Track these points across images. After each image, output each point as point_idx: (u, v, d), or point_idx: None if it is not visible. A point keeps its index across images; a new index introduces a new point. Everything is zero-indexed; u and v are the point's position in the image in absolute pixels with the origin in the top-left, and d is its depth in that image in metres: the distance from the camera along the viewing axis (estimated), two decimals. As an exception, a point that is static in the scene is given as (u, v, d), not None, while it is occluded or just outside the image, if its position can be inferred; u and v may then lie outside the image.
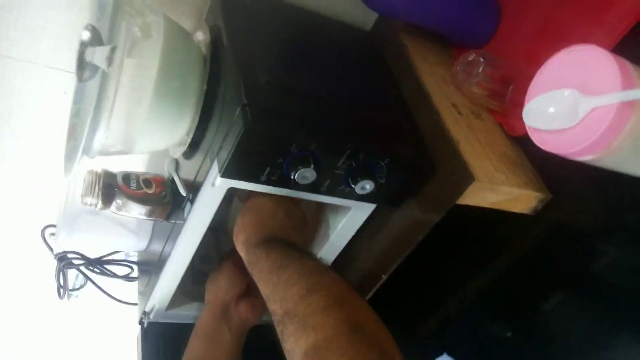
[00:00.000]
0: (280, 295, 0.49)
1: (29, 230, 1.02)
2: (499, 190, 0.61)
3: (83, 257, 1.05)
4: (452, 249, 0.77)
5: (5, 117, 0.84)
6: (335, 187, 0.59)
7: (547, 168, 0.67)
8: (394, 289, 0.73)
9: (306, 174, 0.54)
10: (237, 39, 0.63)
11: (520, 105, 0.70)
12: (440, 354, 0.76)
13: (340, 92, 0.66)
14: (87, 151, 0.62)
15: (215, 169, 0.56)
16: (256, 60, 0.61)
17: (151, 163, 0.93)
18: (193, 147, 0.68)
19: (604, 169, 0.50)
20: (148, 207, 0.68)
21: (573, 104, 0.45)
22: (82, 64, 0.67)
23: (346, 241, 0.71)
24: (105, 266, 1.07)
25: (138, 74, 0.57)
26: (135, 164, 0.94)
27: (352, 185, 0.58)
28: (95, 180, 0.66)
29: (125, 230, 0.82)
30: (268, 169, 0.55)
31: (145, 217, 0.69)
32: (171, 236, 0.70)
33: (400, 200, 0.64)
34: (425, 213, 0.63)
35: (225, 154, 0.54)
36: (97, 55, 0.54)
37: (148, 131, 0.62)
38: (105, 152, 0.63)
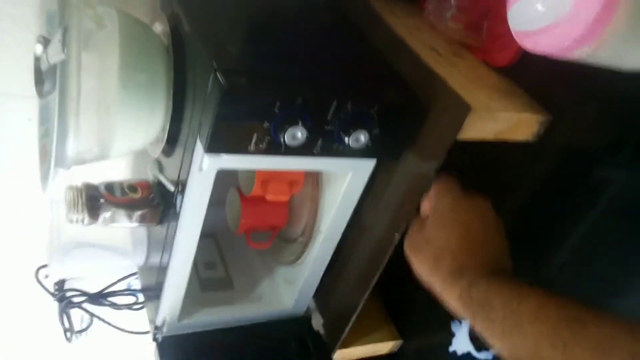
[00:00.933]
0: None
1: (22, 274, 0.97)
2: (497, 118, 0.58)
3: (83, 293, 1.00)
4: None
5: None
6: (329, 145, 0.56)
7: (540, 93, 0.64)
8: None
9: (296, 133, 0.51)
10: (198, 22, 0.59)
11: (499, 36, 0.68)
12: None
13: (313, 52, 0.63)
14: (60, 161, 0.58)
15: (199, 148, 0.53)
16: (222, 37, 0.58)
17: (132, 172, 0.89)
18: (171, 142, 0.64)
19: (603, 67, 0.47)
20: (138, 213, 0.64)
21: (559, -7, 0.43)
22: (40, 78, 0.64)
23: (352, 207, 0.68)
24: (109, 298, 1.02)
25: (99, 68, 0.54)
26: (116, 175, 0.90)
27: (346, 140, 0.55)
28: (77, 194, 0.63)
29: (118, 251, 0.78)
30: (255, 136, 0.51)
31: (137, 224, 0.65)
32: (167, 240, 0.66)
33: (399, 150, 0.61)
34: (427, 160, 0.60)
35: (206, 129, 0.50)
36: (51, 50, 0.50)
37: (121, 129, 0.58)
38: (80, 160, 0.60)
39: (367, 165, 0.63)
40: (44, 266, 0.96)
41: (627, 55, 0.46)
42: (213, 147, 0.51)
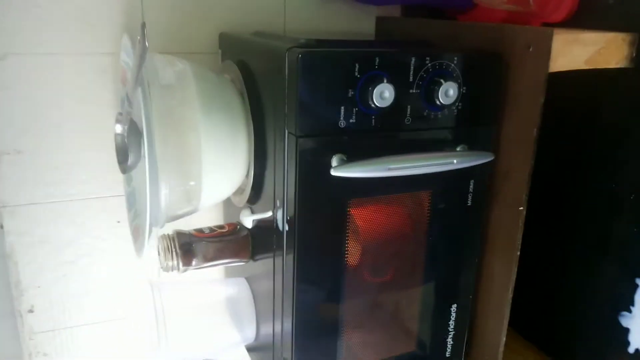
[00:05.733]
0: None
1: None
2: (584, 40, 0.55)
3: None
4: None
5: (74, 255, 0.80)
6: (419, 112, 0.53)
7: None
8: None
9: (383, 90, 0.48)
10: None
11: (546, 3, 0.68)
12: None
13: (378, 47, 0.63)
14: (154, 219, 0.56)
15: (292, 139, 0.50)
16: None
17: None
18: (257, 189, 0.62)
19: None
20: (229, 246, 0.61)
21: None
22: (123, 155, 0.65)
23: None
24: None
25: (181, 107, 0.55)
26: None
27: (435, 99, 0.52)
28: (170, 242, 0.61)
29: (225, 328, 0.72)
30: (343, 109, 0.49)
31: (229, 260, 0.61)
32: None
33: (495, 108, 0.58)
34: (527, 109, 0.56)
35: (293, 113, 0.48)
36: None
37: (207, 175, 0.57)
38: (173, 215, 0.58)
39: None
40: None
41: None
42: (304, 129, 0.48)
